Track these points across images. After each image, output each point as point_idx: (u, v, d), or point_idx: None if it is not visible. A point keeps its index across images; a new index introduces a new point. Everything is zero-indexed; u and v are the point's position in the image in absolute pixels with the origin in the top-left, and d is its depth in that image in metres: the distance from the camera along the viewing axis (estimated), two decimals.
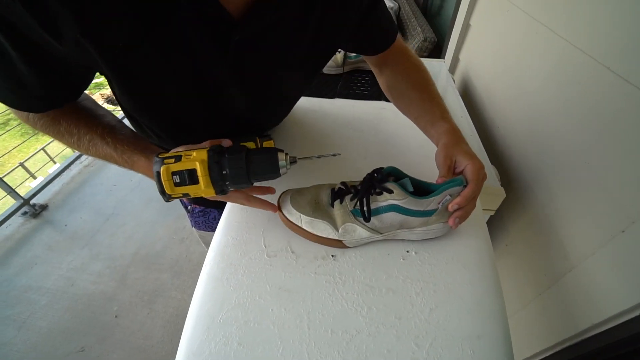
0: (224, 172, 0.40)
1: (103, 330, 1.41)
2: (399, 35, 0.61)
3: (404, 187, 0.43)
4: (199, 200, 0.79)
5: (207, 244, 0.52)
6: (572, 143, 0.63)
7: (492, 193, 0.73)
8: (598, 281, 0.55)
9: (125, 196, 2.08)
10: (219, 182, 0.41)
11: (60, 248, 1.77)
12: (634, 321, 0.48)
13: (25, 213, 1.96)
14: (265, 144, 0.54)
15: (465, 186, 0.42)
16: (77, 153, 2.36)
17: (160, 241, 1.80)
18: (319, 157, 0.46)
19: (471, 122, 0.90)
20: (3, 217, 1.87)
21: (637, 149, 0.49)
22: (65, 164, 2.26)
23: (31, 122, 0.45)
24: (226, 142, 0.43)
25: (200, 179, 0.39)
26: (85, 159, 2.36)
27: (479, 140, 0.85)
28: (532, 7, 0.81)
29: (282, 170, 0.42)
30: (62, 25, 0.32)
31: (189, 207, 0.83)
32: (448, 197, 0.42)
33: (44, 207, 2.02)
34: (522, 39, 0.85)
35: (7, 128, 2.41)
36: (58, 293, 1.55)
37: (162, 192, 0.40)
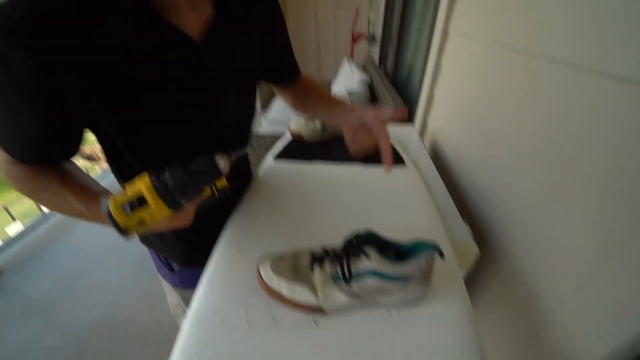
0: (168, 185, 0.40)
1: None
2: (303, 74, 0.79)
3: (381, 252, 0.45)
4: (189, 260, 0.77)
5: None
6: (532, 201, 0.70)
7: (466, 250, 0.76)
8: (573, 334, 0.56)
9: (93, 260, 1.95)
10: (168, 197, 0.40)
11: (8, 319, 1.57)
12: None
13: None
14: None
15: (437, 250, 0.45)
16: (43, 214, 2.24)
17: (128, 309, 1.65)
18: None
19: (442, 183, 0.97)
20: None
21: (592, 206, 0.54)
22: (32, 223, 2.13)
23: (13, 175, 0.48)
24: None
25: (148, 198, 0.40)
26: (53, 219, 2.24)
27: (451, 199, 0.91)
28: (487, 79, 0.94)
29: (221, 165, 0.43)
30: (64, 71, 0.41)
31: (176, 268, 0.80)
32: (424, 262, 0.44)
33: None
34: (480, 106, 0.98)
35: None
36: None
37: (118, 227, 0.40)
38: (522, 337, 0.70)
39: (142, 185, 0.40)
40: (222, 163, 0.43)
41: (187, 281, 0.81)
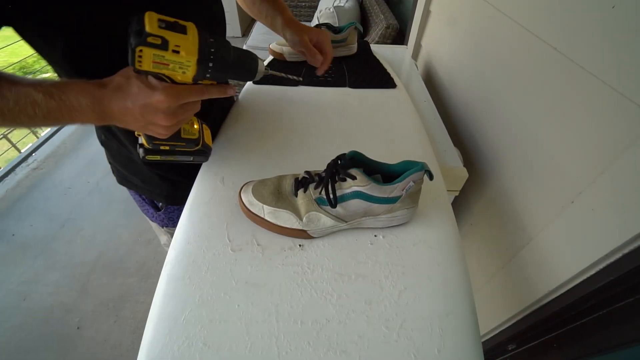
0: (210, 44, 0.40)
1: (64, 344, 1.31)
2: None
3: (367, 174, 0.42)
4: (174, 198, 0.74)
5: None
6: (523, 121, 0.66)
7: (456, 174, 0.75)
8: (553, 250, 0.59)
9: (83, 199, 1.93)
10: (206, 48, 0.39)
11: (8, 260, 1.61)
12: (582, 284, 0.52)
13: None
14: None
15: (425, 170, 0.42)
16: (22, 155, 2.15)
17: (124, 245, 1.69)
18: (286, 76, 0.53)
19: (434, 106, 0.92)
20: None
21: (578, 123, 0.52)
22: (9, 167, 2.05)
23: None
24: None
25: (190, 31, 0.38)
26: (33, 161, 2.15)
27: (442, 123, 0.87)
28: None
29: (260, 72, 0.46)
30: None
31: (161, 205, 0.78)
32: (411, 183, 0.42)
33: None
34: (478, 24, 0.88)
35: None
36: (8, 310, 1.41)
37: (139, 32, 0.36)
38: (503, 254, 0.74)
39: (188, 23, 0.38)
40: (261, 65, 0.46)
41: (174, 218, 0.80)
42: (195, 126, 0.53)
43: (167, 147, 0.50)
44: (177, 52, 0.37)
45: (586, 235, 0.51)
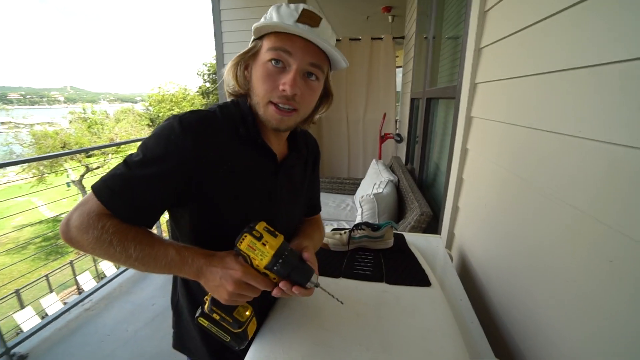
0: (286, 253, 0.58)
1: None
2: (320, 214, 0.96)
3: None
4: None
5: None
6: (575, 333, 0.65)
7: None
8: None
9: (115, 350, 1.93)
10: (282, 250, 0.57)
11: None
12: None
13: None
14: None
15: None
16: (81, 296, 2.34)
17: None
18: (331, 295, 0.65)
19: (471, 307, 0.93)
20: None
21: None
22: (67, 307, 2.22)
23: (106, 228, 0.54)
24: None
25: (278, 238, 0.57)
26: (88, 302, 2.32)
27: (481, 328, 0.86)
28: (505, 196, 0.97)
29: (311, 282, 0.59)
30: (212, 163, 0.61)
31: None
32: None
33: (22, 358, 1.86)
34: (502, 225, 0.99)
35: (25, 252, 2.49)
36: None
37: (251, 227, 0.57)
38: None
39: (280, 235, 0.59)
40: (315, 278, 0.60)
41: None
42: (247, 313, 0.63)
43: (218, 317, 0.60)
44: (265, 245, 0.56)
45: None
